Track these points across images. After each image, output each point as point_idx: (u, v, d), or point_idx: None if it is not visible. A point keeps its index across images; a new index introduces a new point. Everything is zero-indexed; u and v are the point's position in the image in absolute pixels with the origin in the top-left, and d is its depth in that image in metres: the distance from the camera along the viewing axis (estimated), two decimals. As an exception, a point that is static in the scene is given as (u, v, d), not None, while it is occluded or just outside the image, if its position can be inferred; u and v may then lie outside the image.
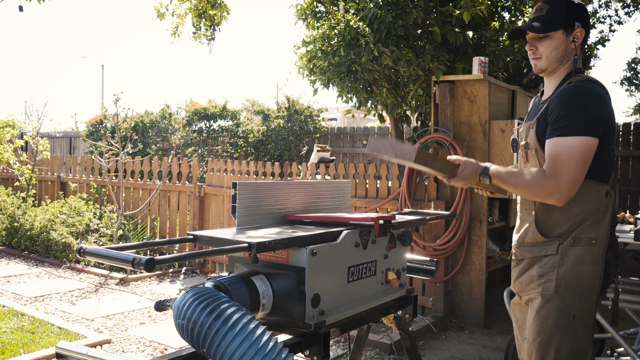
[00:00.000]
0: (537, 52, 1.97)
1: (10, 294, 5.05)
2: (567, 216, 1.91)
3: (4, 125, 8.05)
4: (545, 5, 1.96)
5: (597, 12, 13.29)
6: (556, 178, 1.81)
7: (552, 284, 1.89)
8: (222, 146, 11.30)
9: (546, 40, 1.94)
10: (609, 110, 1.88)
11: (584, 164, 1.81)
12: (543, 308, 1.90)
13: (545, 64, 1.97)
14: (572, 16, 1.94)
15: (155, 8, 7.06)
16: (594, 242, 1.89)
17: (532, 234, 1.97)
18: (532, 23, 1.95)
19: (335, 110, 16.36)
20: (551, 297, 1.89)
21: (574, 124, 1.81)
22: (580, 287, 1.88)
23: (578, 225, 1.89)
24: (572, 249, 1.89)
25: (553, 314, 1.89)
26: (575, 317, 1.88)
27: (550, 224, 1.94)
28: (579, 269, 1.88)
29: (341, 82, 5.50)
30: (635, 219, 3.42)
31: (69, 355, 1.40)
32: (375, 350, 3.86)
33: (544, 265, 1.93)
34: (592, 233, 1.89)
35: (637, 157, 8.19)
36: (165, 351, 3.83)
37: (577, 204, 1.89)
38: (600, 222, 1.90)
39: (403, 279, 2.05)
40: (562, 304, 1.88)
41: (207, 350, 1.34)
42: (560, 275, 1.89)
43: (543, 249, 1.94)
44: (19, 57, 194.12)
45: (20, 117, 10.63)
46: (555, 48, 1.94)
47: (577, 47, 1.96)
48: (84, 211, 6.80)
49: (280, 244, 1.50)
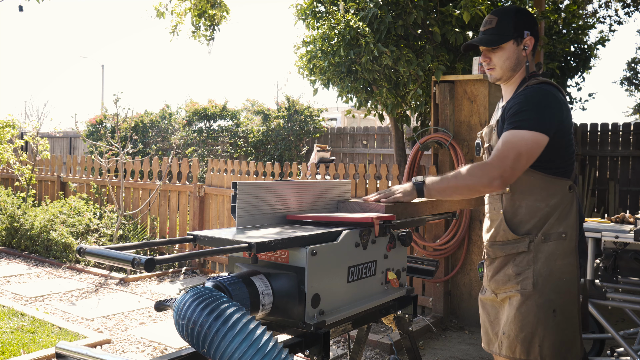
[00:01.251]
0: (491, 63, 2.07)
1: (10, 294, 5.04)
2: (533, 212, 1.98)
3: (4, 125, 8.05)
4: (495, 18, 2.05)
5: (597, 12, 13.29)
6: (502, 161, 1.89)
7: (530, 281, 1.96)
8: (222, 146, 11.29)
9: (498, 51, 2.04)
10: (562, 109, 1.96)
11: (529, 156, 1.90)
12: (523, 305, 1.96)
13: (500, 73, 2.07)
14: (520, 26, 2.03)
15: (155, 7, 7.06)
16: (563, 235, 1.96)
17: (503, 232, 2.03)
18: (483, 36, 2.06)
19: (335, 110, 16.36)
20: (530, 294, 1.96)
21: (528, 119, 1.90)
22: (557, 280, 1.95)
23: (545, 220, 1.97)
24: (544, 244, 1.96)
25: (533, 310, 1.95)
26: (556, 311, 1.95)
27: (518, 221, 2.01)
28: (553, 263, 1.96)
29: (341, 82, 5.50)
30: (635, 219, 3.42)
31: (68, 356, 1.40)
32: (375, 350, 3.86)
33: (519, 264, 1.99)
34: (560, 227, 1.97)
35: (637, 157, 8.19)
36: (165, 351, 3.83)
37: (542, 199, 1.98)
38: (567, 215, 1.98)
39: (403, 279, 2.05)
40: (541, 299, 1.95)
41: (207, 350, 1.34)
42: (537, 272, 1.96)
43: (515, 247, 2.00)
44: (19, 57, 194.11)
45: (20, 117, 10.63)
46: (508, 58, 2.04)
47: (527, 55, 2.05)
48: (84, 211, 6.80)
49: (280, 244, 1.50)
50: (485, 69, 2.11)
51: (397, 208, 1.99)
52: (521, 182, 1.99)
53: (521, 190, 2.00)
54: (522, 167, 1.91)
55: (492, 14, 2.07)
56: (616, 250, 3.21)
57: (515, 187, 2.01)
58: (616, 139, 8.42)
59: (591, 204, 8.20)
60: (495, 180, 1.90)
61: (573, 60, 8.10)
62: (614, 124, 8.45)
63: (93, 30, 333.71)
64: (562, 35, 7.37)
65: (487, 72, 2.11)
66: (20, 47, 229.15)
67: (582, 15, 11.72)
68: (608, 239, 3.20)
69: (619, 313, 4.26)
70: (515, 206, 2.01)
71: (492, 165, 1.91)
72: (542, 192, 1.97)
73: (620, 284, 3.22)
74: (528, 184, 1.99)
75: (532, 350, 1.96)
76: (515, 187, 2.01)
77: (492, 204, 2.12)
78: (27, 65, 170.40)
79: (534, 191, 1.99)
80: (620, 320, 4.51)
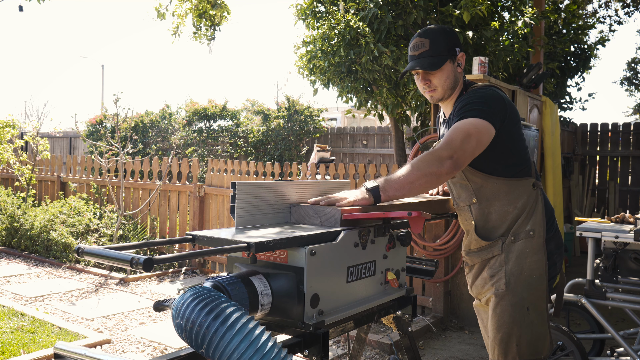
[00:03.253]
0: (432, 85, 2.10)
1: (10, 294, 5.04)
2: (503, 217, 2.03)
3: (4, 125, 8.05)
4: (426, 40, 2.07)
5: (597, 12, 13.29)
6: (450, 143, 1.87)
7: (502, 281, 2.00)
8: (222, 146, 11.29)
9: (438, 73, 2.07)
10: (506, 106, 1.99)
11: (478, 139, 1.89)
12: (498, 305, 2.01)
13: (442, 93, 2.11)
14: (451, 44, 2.08)
15: (155, 8, 7.06)
16: (531, 233, 2.00)
17: (475, 242, 2.08)
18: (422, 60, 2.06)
19: (335, 110, 16.36)
20: (504, 294, 2.00)
21: (473, 109, 1.93)
22: (528, 278, 2.00)
23: (514, 222, 2.02)
24: (514, 244, 2.01)
25: (508, 310, 1.99)
26: (529, 308, 1.99)
27: (491, 227, 2.06)
28: (523, 261, 2.00)
29: (341, 82, 5.50)
30: (635, 219, 3.42)
31: (67, 356, 1.40)
32: (375, 350, 3.86)
33: (492, 266, 2.04)
34: (527, 225, 2.01)
35: (637, 157, 8.18)
36: (165, 351, 3.83)
37: (509, 202, 2.02)
38: (534, 213, 2.02)
39: (402, 279, 2.05)
40: (515, 298, 1.99)
41: (205, 350, 1.34)
42: (508, 272, 2.00)
43: (489, 251, 2.05)
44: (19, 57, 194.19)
45: (20, 117, 10.63)
46: (448, 77, 2.08)
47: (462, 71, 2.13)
48: (84, 211, 6.80)
49: (279, 244, 1.50)
50: (426, 91, 2.12)
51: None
52: (486, 190, 2.04)
53: (487, 198, 2.04)
54: (471, 148, 1.88)
55: (421, 37, 2.08)
56: (616, 250, 3.20)
57: (482, 196, 2.05)
58: (616, 139, 8.42)
59: (591, 204, 8.19)
60: (446, 160, 1.84)
61: (573, 60, 8.10)
62: (614, 124, 8.45)
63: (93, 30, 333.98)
64: (562, 35, 7.36)
65: (429, 95, 2.13)
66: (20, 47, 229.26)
67: (582, 15, 11.71)
68: (608, 239, 3.20)
69: (619, 313, 4.26)
70: (485, 214, 2.06)
71: (441, 148, 1.88)
72: (508, 196, 2.02)
73: (620, 284, 3.22)
74: (493, 191, 2.03)
75: (509, 350, 2.00)
76: (482, 196, 2.05)
77: (462, 216, 2.16)
78: (27, 65, 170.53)
79: (500, 197, 2.02)
80: (620, 320, 4.51)
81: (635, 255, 3.16)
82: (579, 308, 3.49)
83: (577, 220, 4.01)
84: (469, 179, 2.06)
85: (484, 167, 2.02)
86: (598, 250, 3.32)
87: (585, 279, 3.31)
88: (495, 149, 1.97)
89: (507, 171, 2.02)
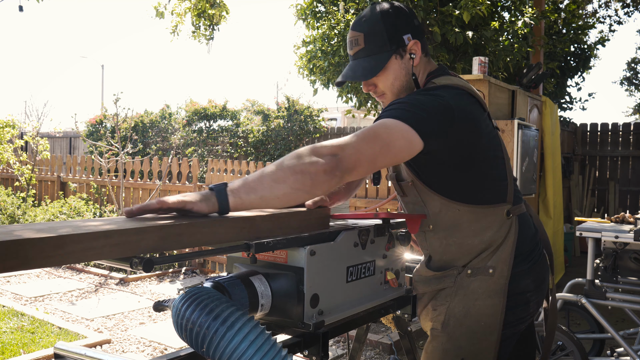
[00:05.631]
0: (378, 90, 1.63)
1: (10, 294, 5.04)
2: (465, 250, 1.61)
3: (4, 125, 8.06)
4: (359, 34, 1.57)
5: (597, 12, 13.30)
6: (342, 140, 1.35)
7: (440, 319, 1.63)
8: (222, 146, 11.30)
9: (381, 75, 1.58)
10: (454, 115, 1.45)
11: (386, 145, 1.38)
12: (430, 346, 1.65)
13: (392, 98, 1.61)
14: (395, 32, 1.56)
15: (154, 7, 7.06)
16: (490, 271, 1.58)
17: (425, 270, 1.74)
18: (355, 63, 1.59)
19: (335, 110, 16.36)
20: (438, 334, 1.63)
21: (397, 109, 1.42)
22: (474, 324, 1.58)
23: (477, 255, 1.60)
24: (468, 279, 1.60)
25: (438, 354, 1.62)
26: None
27: (448, 259, 1.66)
28: (471, 303, 1.58)
29: (341, 82, 5.50)
30: (635, 219, 3.42)
31: (67, 356, 1.40)
32: (375, 350, 3.86)
33: (438, 297, 1.68)
34: (489, 261, 1.58)
35: (637, 157, 8.19)
36: (165, 351, 3.83)
37: (475, 234, 1.59)
38: (499, 248, 1.58)
39: (402, 279, 2.05)
40: (449, 344, 1.60)
41: (205, 350, 1.34)
42: (450, 310, 1.61)
43: (441, 281, 1.66)
44: (19, 57, 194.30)
45: (20, 117, 10.65)
46: (396, 77, 1.59)
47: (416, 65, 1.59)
48: (84, 211, 6.80)
49: (278, 244, 1.50)
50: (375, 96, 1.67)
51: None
52: (445, 217, 1.60)
53: (446, 227, 1.61)
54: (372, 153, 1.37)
55: (354, 30, 1.59)
56: (616, 250, 3.21)
57: (439, 224, 1.62)
58: (616, 139, 8.42)
59: (591, 204, 8.20)
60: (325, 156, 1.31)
61: (573, 60, 8.11)
62: (613, 124, 8.46)
63: (93, 30, 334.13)
64: (562, 35, 7.37)
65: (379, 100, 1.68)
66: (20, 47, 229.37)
67: (582, 15, 11.72)
68: (608, 239, 3.20)
69: (619, 313, 4.26)
70: (442, 245, 1.65)
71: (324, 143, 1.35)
72: (473, 226, 1.58)
73: (620, 284, 3.22)
74: (454, 220, 1.59)
75: None
76: (439, 224, 1.62)
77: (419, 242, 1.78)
78: (27, 65, 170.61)
79: (462, 227, 1.59)
80: (620, 320, 4.51)
81: (635, 255, 3.17)
82: (578, 308, 3.50)
83: (577, 220, 4.01)
84: (425, 202, 1.63)
85: (443, 189, 1.57)
86: (598, 250, 3.32)
87: (585, 279, 3.31)
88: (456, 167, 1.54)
89: (473, 196, 1.57)
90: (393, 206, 4.72)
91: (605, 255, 3.24)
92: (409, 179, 1.64)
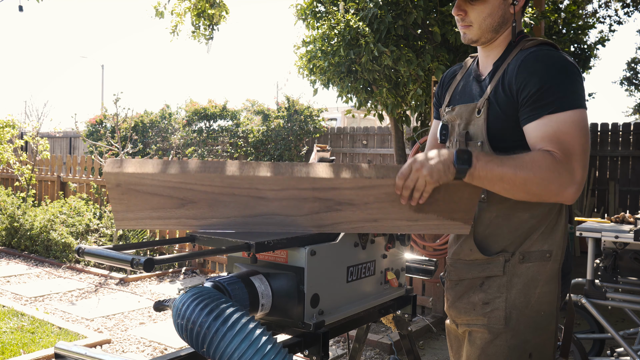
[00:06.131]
0: (467, 19, 1.57)
1: (10, 294, 5.04)
2: (514, 225, 1.53)
3: (4, 125, 8.06)
4: None
5: (597, 12, 13.30)
6: (570, 162, 1.35)
7: (501, 314, 1.52)
8: (222, 146, 11.30)
9: (479, 5, 1.54)
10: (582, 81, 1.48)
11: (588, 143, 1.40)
12: (491, 345, 1.53)
13: (477, 34, 1.57)
14: None
15: (154, 7, 7.06)
16: (548, 255, 1.52)
17: (469, 252, 1.59)
18: None
19: (335, 110, 16.36)
20: (500, 331, 1.52)
21: (565, 96, 1.40)
22: (535, 314, 1.52)
23: (527, 235, 1.52)
24: (522, 266, 1.52)
25: (504, 353, 1.51)
26: (533, 355, 1.52)
27: (493, 236, 1.56)
28: (532, 292, 1.51)
29: (341, 82, 5.50)
30: (635, 219, 3.42)
31: (67, 356, 1.40)
32: (375, 350, 3.86)
33: (487, 290, 1.55)
34: (545, 244, 1.52)
35: (637, 157, 8.19)
36: (165, 351, 3.83)
37: (527, 208, 1.52)
38: (554, 228, 1.53)
39: (402, 278, 2.05)
40: (515, 340, 1.51)
41: (206, 350, 1.34)
42: (510, 302, 1.52)
43: (485, 268, 1.56)
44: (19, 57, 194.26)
45: (20, 117, 10.65)
46: (490, 14, 1.54)
47: (516, 12, 1.57)
48: (84, 211, 6.80)
49: (279, 243, 1.50)
50: (459, 25, 1.60)
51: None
52: None
53: (500, 197, 1.49)
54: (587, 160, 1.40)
55: None
56: (616, 250, 3.21)
57: (494, 194, 1.50)
58: (616, 139, 8.42)
59: (591, 204, 8.20)
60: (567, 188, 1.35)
61: (573, 60, 8.10)
62: (613, 124, 8.46)
63: (93, 30, 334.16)
64: (562, 35, 7.37)
65: (461, 31, 1.61)
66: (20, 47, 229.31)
67: (582, 15, 11.72)
68: (608, 239, 3.20)
69: (619, 313, 4.26)
70: (491, 217, 1.56)
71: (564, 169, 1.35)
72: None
73: (620, 284, 3.22)
74: None
75: None
76: (494, 194, 1.50)
77: None
78: (27, 65, 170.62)
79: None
80: (620, 320, 4.51)
81: (635, 255, 3.17)
82: (579, 308, 3.50)
83: (577, 220, 4.01)
84: None
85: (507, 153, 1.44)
86: (598, 250, 3.32)
87: (585, 279, 3.31)
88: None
89: None
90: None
91: (605, 255, 3.24)
92: (478, 140, 1.55)
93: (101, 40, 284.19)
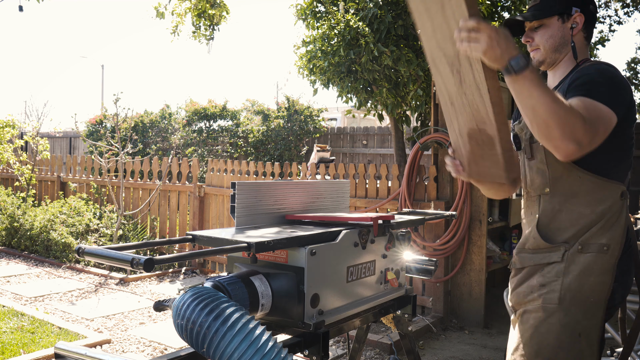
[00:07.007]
0: (534, 44, 1.83)
1: (10, 294, 5.04)
2: (575, 218, 1.67)
3: (4, 125, 8.06)
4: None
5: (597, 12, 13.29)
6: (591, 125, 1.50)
7: (556, 295, 1.65)
8: (222, 146, 11.30)
9: (541, 30, 1.80)
10: (630, 93, 1.67)
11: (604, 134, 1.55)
12: (544, 323, 1.66)
13: (543, 55, 1.82)
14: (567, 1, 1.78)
15: (155, 7, 7.06)
16: (605, 249, 1.64)
17: (533, 240, 1.74)
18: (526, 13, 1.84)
19: (335, 110, 16.36)
20: (554, 310, 1.65)
21: (600, 91, 1.59)
22: (586, 300, 1.64)
23: (587, 229, 1.66)
24: (580, 256, 1.65)
25: (556, 330, 1.64)
26: (582, 335, 1.63)
27: (555, 227, 1.70)
28: (586, 279, 1.64)
29: (341, 82, 5.50)
30: (635, 219, 3.42)
31: (67, 356, 1.40)
32: (375, 350, 3.86)
33: (546, 274, 1.69)
34: (603, 238, 1.64)
35: (637, 157, 8.17)
36: (165, 351, 3.83)
37: (588, 204, 1.66)
38: (614, 225, 1.65)
39: (402, 278, 2.05)
40: (567, 318, 1.64)
41: (206, 350, 1.34)
42: (565, 286, 1.64)
43: (547, 256, 1.70)
44: (19, 57, 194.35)
45: (20, 117, 10.64)
46: (551, 36, 1.79)
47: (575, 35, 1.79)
48: (84, 211, 6.80)
49: (279, 243, 1.50)
50: (529, 50, 1.86)
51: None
52: (565, 183, 1.69)
53: (563, 192, 1.69)
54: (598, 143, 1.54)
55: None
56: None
57: (557, 189, 1.70)
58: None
59: (591, 204, 8.19)
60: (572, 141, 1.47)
61: (573, 60, 8.09)
62: (614, 124, 8.45)
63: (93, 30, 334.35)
64: (562, 35, 7.36)
65: (531, 55, 1.85)
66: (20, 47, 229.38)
67: (582, 15, 11.70)
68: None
69: (619, 313, 4.26)
70: (554, 210, 1.71)
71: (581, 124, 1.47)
72: (589, 197, 1.66)
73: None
74: (573, 186, 1.68)
75: None
76: (557, 189, 1.70)
77: (529, 208, 1.82)
78: (27, 65, 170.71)
79: (579, 195, 1.67)
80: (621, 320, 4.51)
81: (635, 255, 3.16)
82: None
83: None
84: (548, 164, 1.71)
85: None
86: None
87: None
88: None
89: (599, 166, 1.65)
90: (393, 206, 4.72)
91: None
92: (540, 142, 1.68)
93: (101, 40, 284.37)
